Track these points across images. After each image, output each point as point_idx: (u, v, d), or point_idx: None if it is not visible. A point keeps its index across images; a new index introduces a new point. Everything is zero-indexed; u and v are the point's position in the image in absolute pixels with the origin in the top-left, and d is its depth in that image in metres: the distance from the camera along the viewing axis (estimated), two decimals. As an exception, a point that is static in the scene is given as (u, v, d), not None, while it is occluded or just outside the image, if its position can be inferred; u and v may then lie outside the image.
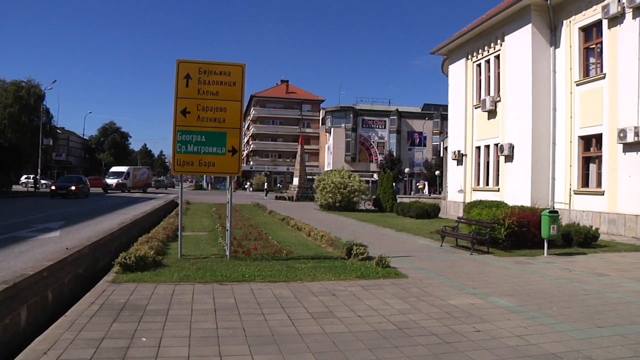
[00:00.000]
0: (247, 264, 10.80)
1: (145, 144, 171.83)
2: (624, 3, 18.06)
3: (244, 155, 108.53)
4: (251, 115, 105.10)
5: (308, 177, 50.22)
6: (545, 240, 13.57)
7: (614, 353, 5.87)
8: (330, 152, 77.66)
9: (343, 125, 75.55)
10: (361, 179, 34.17)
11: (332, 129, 76.04)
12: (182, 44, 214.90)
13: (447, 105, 31.64)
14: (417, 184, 64.25)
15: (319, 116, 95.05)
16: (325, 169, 70.65)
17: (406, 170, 67.20)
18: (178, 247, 11.65)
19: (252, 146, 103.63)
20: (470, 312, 7.54)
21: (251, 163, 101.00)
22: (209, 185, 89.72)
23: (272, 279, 9.46)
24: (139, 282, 8.88)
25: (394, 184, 35.41)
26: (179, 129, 11.32)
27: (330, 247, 13.57)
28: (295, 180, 47.85)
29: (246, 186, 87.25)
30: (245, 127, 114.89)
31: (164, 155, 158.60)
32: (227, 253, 11.68)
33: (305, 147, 64.80)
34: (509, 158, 23.35)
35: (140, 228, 16.38)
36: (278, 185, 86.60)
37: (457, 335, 6.39)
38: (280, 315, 7.10)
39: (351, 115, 75.80)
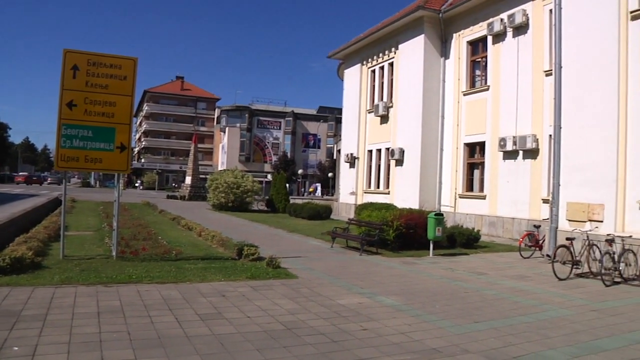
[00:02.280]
0: (134, 264, 10.33)
1: (27, 137, 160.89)
2: (505, 22, 19.31)
3: (135, 153, 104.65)
4: (144, 111, 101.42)
5: (201, 176, 49.17)
6: (431, 242, 14.10)
7: (487, 345, 6.27)
8: (225, 151, 76.59)
9: (238, 124, 74.74)
10: (255, 179, 33.92)
11: (227, 128, 75.01)
12: (70, 33, 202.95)
13: (342, 109, 32.14)
14: (309, 188, 64.80)
15: (214, 115, 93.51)
16: (219, 168, 69.59)
17: (300, 171, 67.67)
18: (60, 248, 10.90)
19: (144, 143, 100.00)
20: (358, 311, 7.64)
21: (143, 160, 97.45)
22: (97, 182, 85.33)
23: (160, 280, 9.11)
24: (13, 285, 8.14)
25: (287, 185, 35.50)
26: (64, 122, 10.62)
27: (221, 248, 13.30)
28: (188, 179, 46.69)
29: (137, 184, 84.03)
30: (137, 123, 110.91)
31: (48, 150, 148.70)
32: (114, 253, 11.10)
33: (200, 145, 63.56)
34: (399, 162, 24.11)
35: (18, 227, 15.14)
36: (173, 184, 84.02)
37: (344, 334, 6.44)
38: (167, 317, 6.83)
39: (247, 115, 75.18)
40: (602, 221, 12.74)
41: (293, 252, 13.66)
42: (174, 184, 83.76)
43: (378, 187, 26.75)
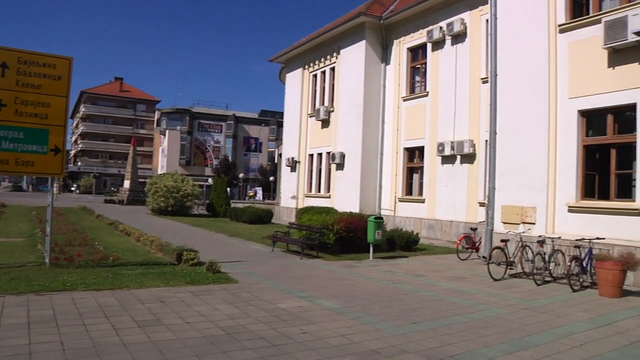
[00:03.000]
0: (69, 271, 9.94)
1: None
2: (444, 30, 19.82)
3: (71, 155, 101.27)
4: (80, 113, 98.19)
5: (141, 180, 48.02)
6: (371, 245, 14.24)
7: (425, 345, 6.39)
8: (165, 154, 75.13)
9: (179, 127, 73.52)
10: (195, 183, 33.37)
11: (167, 131, 73.66)
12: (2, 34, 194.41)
13: (283, 113, 32.15)
14: (249, 192, 64.28)
15: (154, 117, 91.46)
16: (159, 172, 68.17)
17: (241, 175, 67.13)
18: (-15, 255, 10.35)
19: (80, 146, 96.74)
20: (298, 314, 7.63)
21: (79, 164, 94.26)
22: (30, 186, 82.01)
23: (96, 286, 8.80)
24: None
25: (228, 189, 35.13)
26: (-7, 123, 10.13)
27: (160, 253, 13.01)
28: (127, 183, 45.46)
29: (73, 188, 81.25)
30: (74, 125, 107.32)
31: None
32: (47, 260, 10.62)
33: (139, 149, 62.00)
34: (340, 166, 24.31)
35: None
36: (111, 188, 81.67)
37: (284, 337, 6.41)
38: (104, 325, 6.59)
39: (187, 117, 74.05)
40: (534, 223, 13.26)
41: (233, 257, 13.51)
42: (112, 188, 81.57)
43: (319, 191, 26.87)
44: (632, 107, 11.83)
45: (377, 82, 23.39)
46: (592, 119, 12.98)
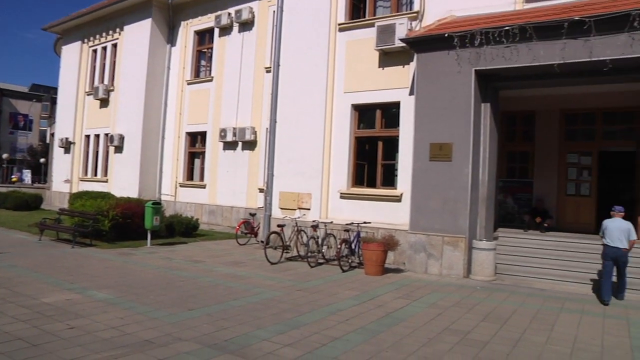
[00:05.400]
0: None
1: None
2: (233, 17, 19.81)
3: None
4: None
5: None
6: (148, 231, 13.74)
7: (201, 331, 6.35)
8: None
9: None
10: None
11: None
12: None
13: (58, 88, 29.32)
14: (12, 176, 57.67)
15: None
16: None
17: (5, 155, 59.91)
18: None
19: None
20: (66, 308, 7.03)
21: None
22: None
23: None
24: None
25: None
26: None
27: None
28: None
29: None
30: None
31: None
32: None
33: None
34: (119, 149, 22.99)
35: None
36: None
37: (48, 335, 5.84)
38: None
39: (-64, 86, 63.86)
40: (309, 209, 14.03)
41: (-9, 247, 12.01)
42: None
43: (96, 175, 25.12)
44: (397, 104, 13.15)
45: (162, 64, 22.52)
46: (363, 113, 14.13)
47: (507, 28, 10.52)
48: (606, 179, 15.04)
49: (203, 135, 21.06)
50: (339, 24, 14.27)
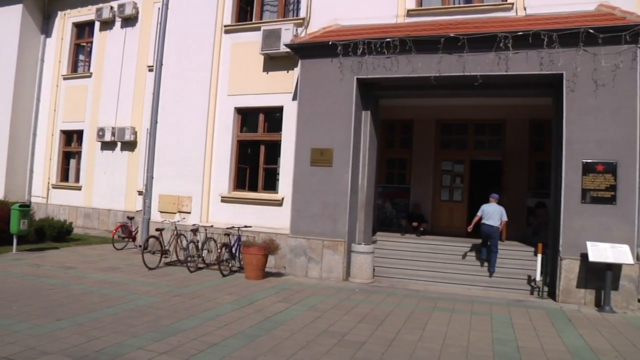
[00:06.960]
0: None
1: None
2: (115, 11, 18.94)
3: None
4: None
5: None
6: (14, 236, 12.80)
7: (70, 342, 6.05)
8: None
9: None
10: None
11: None
12: None
13: None
14: None
15: None
16: None
17: None
18: None
19: None
20: None
21: None
22: None
23: None
24: None
25: None
26: None
27: None
28: None
29: None
30: None
31: None
32: None
33: None
34: (-19, 145, 21.23)
35: None
36: None
37: None
38: None
39: None
40: (190, 212, 13.82)
41: None
42: None
43: (-46, 174, 23.00)
44: (280, 109, 13.29)
45: (35, 56, 21.01)
46: (246, 117, 14.15)
47: (388, 40, 10.99)
48: (476, 186, 16.12)
49: (79, 134, 19.94)
50: (225, 26, 14.16)
